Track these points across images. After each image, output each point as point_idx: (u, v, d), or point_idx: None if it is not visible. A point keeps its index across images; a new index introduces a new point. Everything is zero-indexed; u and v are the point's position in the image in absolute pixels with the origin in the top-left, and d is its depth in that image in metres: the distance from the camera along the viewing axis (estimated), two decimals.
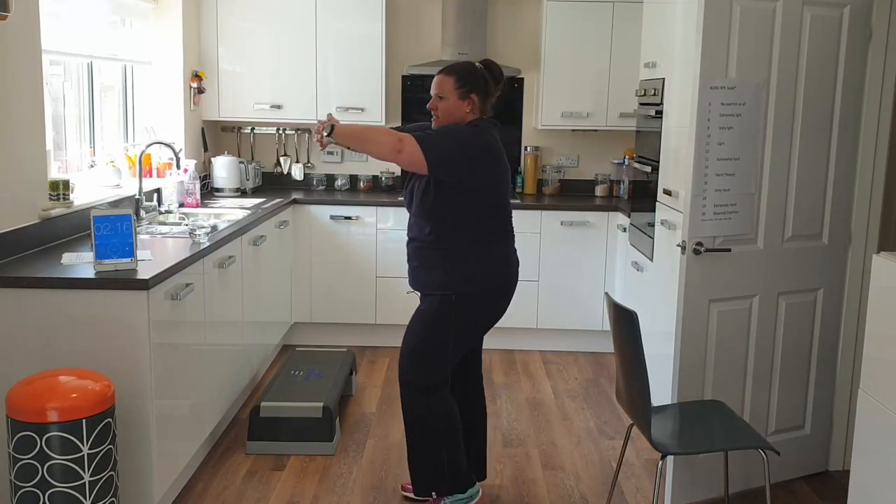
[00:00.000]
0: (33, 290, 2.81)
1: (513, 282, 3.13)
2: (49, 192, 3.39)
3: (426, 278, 3.07)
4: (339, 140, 2.92)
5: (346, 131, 2.93)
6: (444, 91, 3.00)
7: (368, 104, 5.30)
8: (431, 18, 5.53)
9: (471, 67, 3.04)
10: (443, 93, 3.00)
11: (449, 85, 2.99)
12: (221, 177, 5.25)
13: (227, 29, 5.23)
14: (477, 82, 3.00)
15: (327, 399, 3.76)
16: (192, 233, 3.59)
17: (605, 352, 5.21)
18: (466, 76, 3.00)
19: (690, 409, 3.05)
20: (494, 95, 3.07)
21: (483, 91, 3.01)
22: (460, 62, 3.10)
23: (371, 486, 3.44)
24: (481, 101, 3.02)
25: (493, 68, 3.05)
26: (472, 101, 3.00)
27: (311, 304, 5.21)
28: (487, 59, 3.10)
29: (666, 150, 3.99)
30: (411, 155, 2.87)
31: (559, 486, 3.50)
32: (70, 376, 2.62)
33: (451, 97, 2.99)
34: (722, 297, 3.18)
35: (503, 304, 3.13)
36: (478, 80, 3.01)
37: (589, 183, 5.69)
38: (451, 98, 2.99)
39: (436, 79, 3.03)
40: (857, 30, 3.25)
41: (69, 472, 2.51)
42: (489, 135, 3.00)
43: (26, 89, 3.19)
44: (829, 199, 3.34)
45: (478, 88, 3.00)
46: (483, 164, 2.96)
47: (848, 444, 3.46)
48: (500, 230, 3.09)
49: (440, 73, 3.03)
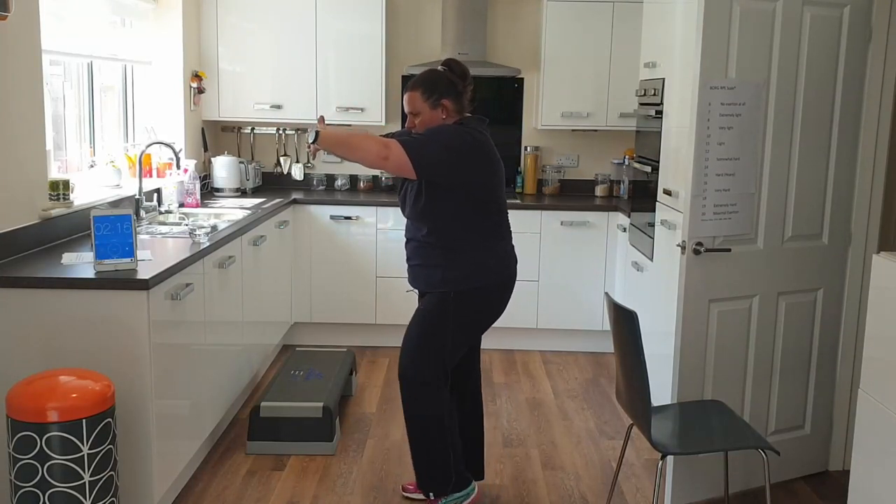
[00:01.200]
0: (33, 290, 2.81)
1: (511, 277, 3.13)
2: (49, 192, 3.39)
3: (425, 277, 3.08)
4: (323, 146, 2.89)
5: (330, 138, 2.90)
6: (416, 107, 2.99)
7: (368, 104, 5.30)
8: (431, 18, 5.53)
9: (432, 75, 3.02)
10: (415, 108, 3.00)
11: (417, 99, 2.98)
12: (221, 177, 5.25)
13: (227, 29, 5.23)
14: (443, 87, 2.99)
15: (327, 399, 3.76)
16: (192, 233, 3.59)
17: (605, 352, 5.21)
18: (430, 85, 2.98)
19: (690, 409, 3.05)
20: (467, 92, 3.05)
21: (452, 93, 3.00)
22: (423, 73, 3.05)
23: (371, 486, 3.44)
24: (455, 103, 3.01)
25: (456, 66, 3.04)
26: (444, 107, 2.99)
27: (311, 304, 5.21)
28: (448, 59, 3.08)
29: (666, 150, 3.99)
30: (398, 161, 2.85)
31: (559, 486, 3.50)
32: (70, 376, 2.62)
33: (424, 110, 2.99)
34: (722, 297, 3.18)
35: (503, 300, 3.13)
36: (443, 85, 2.99)
37: (589, 183, 5.70)
38: (425, 111, 2.99)
39: (405, 98, 3.02)
40: (857, 30, 3.25)
41: (69, 472, 2.51)
42: (476, 131, 2.99)
43: (26, 89, 3.19)
44: (829, 199, 3.34)
45: (446, 93, 2.99)
46: (472, 161, 2.95)
47: (848, 444, 3.46)
48: (496, 226, 3.08)
49: (406, 90, 3.01)
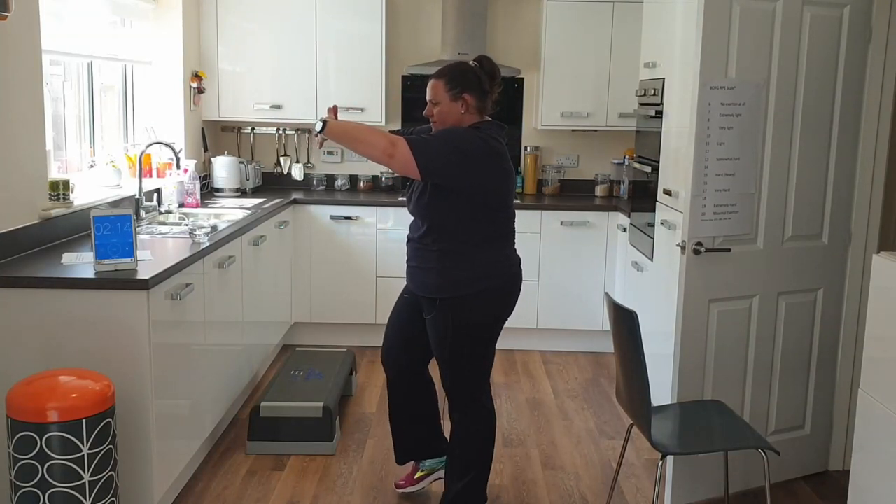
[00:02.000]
0: (33, 290, 2.81)
1: (515, 282, 3.02)
2: (49, 192, 3.39)
3: (421, 279, 3.00)
4: (330, 137, 2.82)
5: (337, 129, 2.83)
6: (437, 95, 2.90)
7: (368, 104, 5.30)
8: (431, 18, 5.53)
9: (462, 67, 2.94)
10: (436, 97, 2.91)
11: (440, 88, 2.89)
12: (221, 177, 5.25)
13: (227, 29, 5.23)
14: (468, 81, 2.89)
15: (327, 399, 3.76)
16: (192, 233, 3.59)
17: (605, 352, 5.21)
18: (457, 77, 2.90)
19: (690, 409, 3.05)
20: (493, 92, 2.95)
21: (477, 89, 2.90)
22: (452, 63, 2.98)
23: (371, 486, 3.44)
24: (477, 100, 2.91)
25: (487, 64, 2.94)
26: (465, 102, 2.88)
27: (311, 304, 5.21)
28: (482, 56, 2.98)
29: (666, 150, 3.99)
30: (403, 159, 2.76)
31: (559, 486, 3.50)
32: (70, 376, 2.62)
33: (444, 100, 2.89)
34: (722, 297, 3.18)
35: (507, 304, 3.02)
36: (469, 80, 2.90)
37: (589, 183, 5.69)
38: (445, 101, 2.89)
39: (429, 84, 2.94)
40: (857, 30, 3.25)
41: (69, 472, 2.51)
42: (491, 138, 2.88)
43: (26, 89, 3.19)
44: (829, 199, 3.34)
45: (470, 88, 2.89)
46: (481, 168, 2.84)
47: (848, 444, 3.46)
48: (500, 234, 2.99)
49: (432, 77, 2.93)
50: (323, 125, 2.82)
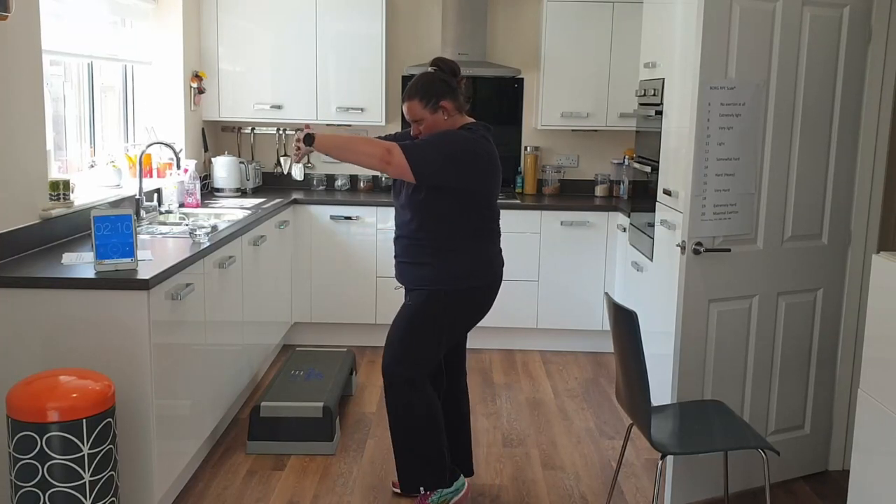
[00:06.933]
0: (33, 290, 2.81)
1: (497, 280, 3.17)
2: (49, 192, 3.39)
3: (414, 274, 3.10)
4: (320, 150, 2.90)
5: (327, 142, 2.91)
6: (417, 114, 2.99)
7: (368, 104, 5.30)
8: (431, 18, 5.53)
9: (427, 79, 3.01)
10: (416, 116, 3.00)
11: (417, 107, 2.98)
12: (221, 177, 5.25)
13: (227, 29, 5.24)
14: (439, 89, 2.98)
15: (327, 399, 3.76)
16: (192, 233, 3.59)
17: (605, 352, 5.21)
18: (427, 90, 2.98)
19: (690, 409, 3.06)
20: (461, 87, 3.05)
21: (449, 93, 3.00)
22: (415, 80, 3.03)
23: (371, 486, 3.44)
24: (454, 102, 3.01)
25: (445, 64, 3.04)
26: (444, 109, 2.98)
27: (311, 304, 5.21)
28: (436, 59, 3.08)
29: (666, 150, 3.99)
30: (399, 167, 2.86)
31: (559, 485, 3.50)
32: (70, 376, 2.62)
33: (425, 116, 2.99)
34: (722, 297, 3.18)
35: (488, 302, 3.16)
36: (438, 87, 2.98)
37: (589, 183, 5.70)
38: (426, 116, 2.99)
39: (404, 108, 3.02)
40: (857, 30, 3.25)
41: (69, 471, 2.51)
42: (483, 139, 3.00)
43: (26, 89, 3.19)
44: (829, 199, 3.34)
45: (443, 94, 2.98)
46: (473, 169, 2.97)
47: (848, 444, 3.46)
48: (488, 230, 3.12)
49: (404, 100, 3.02)
50: (311, 138, 2.88)
